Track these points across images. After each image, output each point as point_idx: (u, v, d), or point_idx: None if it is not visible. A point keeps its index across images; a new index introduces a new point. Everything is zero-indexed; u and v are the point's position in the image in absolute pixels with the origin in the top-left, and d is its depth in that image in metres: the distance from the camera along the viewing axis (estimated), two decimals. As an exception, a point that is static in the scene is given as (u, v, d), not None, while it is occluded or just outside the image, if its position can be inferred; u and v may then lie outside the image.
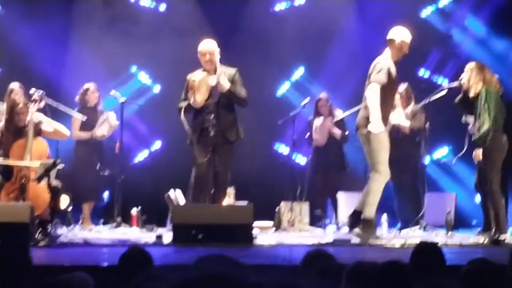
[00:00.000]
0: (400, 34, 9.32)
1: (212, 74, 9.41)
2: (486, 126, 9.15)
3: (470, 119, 9.67)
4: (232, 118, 9.49)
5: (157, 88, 12.94)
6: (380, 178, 9.09)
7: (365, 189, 9.25)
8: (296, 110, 11.50)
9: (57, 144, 10.01)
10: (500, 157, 9.39)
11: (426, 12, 12.90)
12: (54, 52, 12.21)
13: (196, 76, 9.38)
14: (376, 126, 8.95)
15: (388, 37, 9.33)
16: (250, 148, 11.71)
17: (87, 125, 10.95)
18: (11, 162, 9.30)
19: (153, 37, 12.38)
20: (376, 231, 9.31)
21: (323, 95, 11.75)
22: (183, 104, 9.40)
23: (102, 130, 10.93)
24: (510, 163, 10.09)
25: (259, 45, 12.49)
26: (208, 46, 9.50)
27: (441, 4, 12.87)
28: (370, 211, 9.05)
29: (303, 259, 4.72)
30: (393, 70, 9.19)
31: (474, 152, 9.61)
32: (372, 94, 8.99)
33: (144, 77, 12.94)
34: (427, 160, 10.84)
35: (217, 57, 9.47)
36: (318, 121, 11.57)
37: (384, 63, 9.12)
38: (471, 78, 9.39)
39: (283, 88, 13.16)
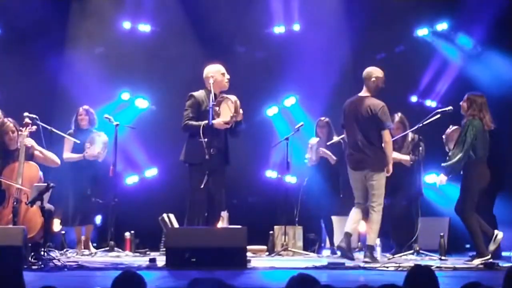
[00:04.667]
0: (374, 72, 9.77)
1: (222, 96, 9.26)
2: (457, 157, 9.59)
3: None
4: (228, 142, 9.45)
5: (151, 111, 12.95)
6: (380, 209, 9.65)
7: (354, 215, 9.81)
8: (290, 133, 11.52)
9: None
10: (477, 187, 9.68)
11: (422, 32, 13.03)
12: (46, 77, 12.24)
13: (231, 97, 9.21)
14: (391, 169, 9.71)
15: (364, 76, 9.79)
16: (242, 173, 11.72)
17: (81, 147, 10.92)
18: (4, 180, 9.25)
19: (147, 61, 12.42)
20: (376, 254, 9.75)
21: (323, 118, 11.78)
22: (201, 123, 9.10)
23: (92, 150, 10.88)
24: (499, 189, 10.22)
25: (251, 69, 12.52)
26: (223, 67, 9.48)
27: (439, 28, 12.98)
28: (373, 239, 9.67)
29: (287, 283, 4.70)
30: None
31: (439, 177, 9.84)
32: (389, 141, 9.70)
33: (137, 101, 12.95)
34: (422, 185, 10.86)
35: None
36: (313, 140, 11.58)
37: (383, 106, 9.62)
38: (467, 108, 9.58)
39: (273, 112, 13.21)
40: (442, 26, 12.98)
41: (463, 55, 12.86)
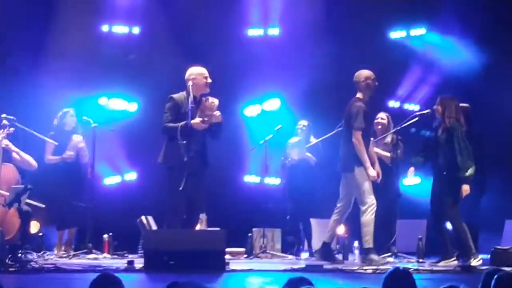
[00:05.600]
0: (362, 73, 9.79)
1: (203, 98, 9.23)
2: (469, 166, 9.51)
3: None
4: (207, 144, 9.41)
5: (131, 113, 12.93)
6: (369, 209, 9.57)
7: (334, 220, 9.95)
8: (268, 135, 11.53)
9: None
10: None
11: (396, 34, 13.10)
12: (27, 77, 12.19)
13: (212, 99, 9.18)
14: (372, 172, 9.60)
15: (354, 80, 9.82)
16: (221, 175, 11.72)
17: (63, 149, 10.89)
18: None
19: (127, 64, 12.40)
20: (374, 255, 9.61)
21: (303, 120, 11.80)
22: (179, 124, 9.00)
23: (68, 152, 10.87)
24: (481, 194, 10.25)
25: (232, 71, 12.52)
26: (206, 70, 9.44)
27: (416, 32, 13.05)
28: (368, 241, 9.60)
29: (286, 284, 4.71)
30: (366, 110, 9.72)
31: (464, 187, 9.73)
32: (359, 144, 9.58)
33: (116, 103, 12.92)
34: (400, 187, 10.90)
35: None
36: (294, 139, 11.60)
37: (358, 107, 9.61)
38: (442, 111, 9.61)
39: (252, 113, 13.22)
40: (420, 31, 13.05)
41: (441, 56, 12.91)
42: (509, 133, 12.03)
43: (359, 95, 9.78)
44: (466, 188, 9.57)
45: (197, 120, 9.01)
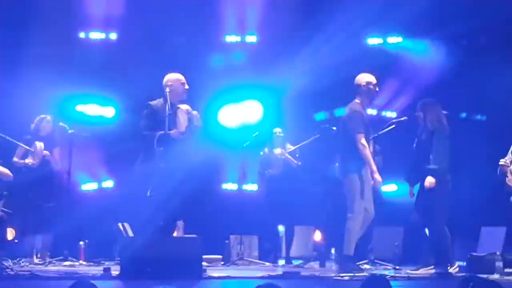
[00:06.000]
0: (364, 77, 9.57)
1: (179, 106, 9.21)
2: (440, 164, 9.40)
3: None
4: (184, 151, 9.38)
5: (108, 118, 12.90)
6: (355, 217, 9.30)
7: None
8: (247, 142, 11.55)
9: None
10: (447, 196, 9.56)
11: (374, 41, 13.16)
12: (3, 83, 12.13)
13: (185, 107, 9.16)
14: (378, 177, 9.35)
15: (355, 83, 9.59)
16: (198, 182, 11.69)
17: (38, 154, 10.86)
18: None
19: (105, 69, 12.38)
20: (355, 265, 9.39)
21: (278, 128, 11.83)
22: (157, 133, 8.94)
23: (28, 160, 10.85)
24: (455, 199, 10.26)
25: (209, 77, 12.52)
26: (183, 77, 9.40)
27: (393, 40, 13.12)
28: (348, 248, 9.26)
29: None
30: (365, 116, 9.54)
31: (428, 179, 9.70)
32: (364, 148, 9.33)
33: (93, 109, 12.89)
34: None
35: None
36: (276, 151, 11.64)
37: (353, 111, 9.44)
38: (423, 117, 9.59)
39: (230, 120, 13.24)
40: (396, 38, 13.13)
41: (418, 63, 12.97)
42: (481, 139, 12.05)
43: (357, 99, 9.55)
44: (430, 180, 9.55)
45: (176, 131, 9.00)
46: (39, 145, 10.93)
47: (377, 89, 9.59)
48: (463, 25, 12.18)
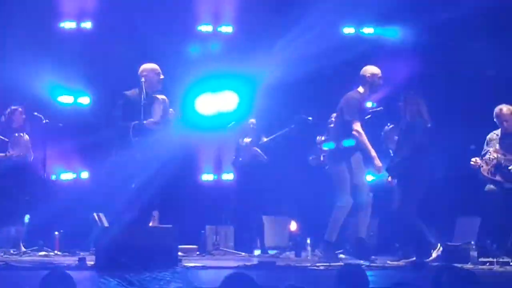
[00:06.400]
0: (369, 69, 9.67)
1: (154, 96, 9.18)
2: (402, 157, 9.53)
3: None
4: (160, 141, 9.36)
5: (83, 106, 12.84)
6: (343, 205, 9.51)
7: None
8: (223, 131, 11.55)
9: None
10: (421, 188, 9.65)
11: (349, 31, 13.18)
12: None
13: (160, 97, 9.14)
14: (379, 163, 9.52)
15: (360, 74, 9.68)
16: (174, 171, 11.66)
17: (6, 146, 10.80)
18: None
19: (80, 58, 12.31)
20: (331, 252, 9.55)
21: (253, 119, 11.83)
22: (132, 123, 8.96)
23: (16, 150, 10.78)
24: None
25: (184, 66, 12.48)
26: (158, 67, 9.38)
27: (365, 30, 13.13)
28: (331, 235, 9.52)
29: (223, 282, 4.70)
30: (363, 105, 9.68)
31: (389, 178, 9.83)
32: (359, 135, 9.44)
33: (68, 98, 12.83)
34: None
35: None
36: (246, 140, 11.63)
37: (351, 98, 9.54)
38: (404, 107, 9.62)
39: (206, 109, 13.21)
40: (368, 30, 13.17)
41: (393, 52, 12.98)
42: (456, 128, 12.09)
43: (360, 88, 9.65)
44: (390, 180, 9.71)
45: (150, 121, 8.97)
46: (25, 137, 10.87)
47: (381, 82, 9.68)
48: (435, 9, 12.22)
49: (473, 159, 9.78)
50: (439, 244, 9.55)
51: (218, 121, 12.64)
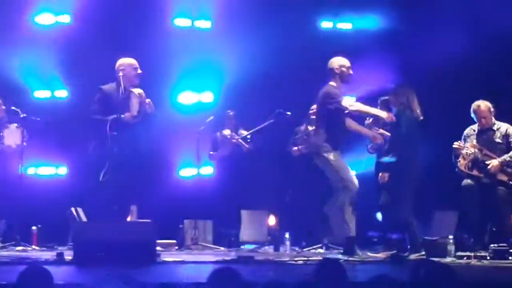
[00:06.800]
0: (336, 61, 9.50)
1: (131, 90, 9.14)
2: (395, 154, 9.49)
3: None
4: (139, 135, 9.33)
5: (61, 99, 12.79)
6: (349, 194, 9.26)
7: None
8: (201, 127, 11.53)
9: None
10: (413, 184, 9.63)
11: (327, 24, 13.21)
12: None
13: (136, 90, 9.11)
14: (384, 114, 9.37)
15: (328, 67, 9.49)
16: (152, 166, 11.65)
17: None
18: None
19: (57, 52, 12.25)
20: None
21: (230, 111, 11.84)
22: (109, 117, 8.91)
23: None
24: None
25: (162, 61, 12.44)
26: (135, 61, 9.34)
27: (340, 26, 13.19)
28: (349, 229, 9.27)
29: (210, 276, 4.70)
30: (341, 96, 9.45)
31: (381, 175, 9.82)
32: (351, 105, 9.29)
33: (45, 93, 12.77)
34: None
35: None
36: (225, 132, 11.65)
37: (332, 87, 9.37)
38: (395, 100, 9.62)
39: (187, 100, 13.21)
40: (347, 25, 13.21)
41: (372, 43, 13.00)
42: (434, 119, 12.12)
43: (332, 83, 9.43)
44: (383, 175, 9.67)
45: (128, 114, 8.96)
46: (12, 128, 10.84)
47: (350, 72, 9.47)
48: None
49: (456, 143, 9.81)
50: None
51: (197, 112, 12.64)
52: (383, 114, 9.45)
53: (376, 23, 13.11)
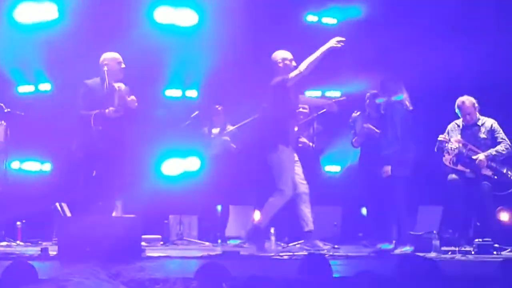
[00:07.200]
0: (279, 54, 9.53)
1: (115, 86, 9.12)
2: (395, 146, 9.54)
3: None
4: (125, 130, 9.31)
5: (44, 93, 12.74)
6: (283, 195, 9.45)
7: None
8: (186, 122, 11.52)
9: None
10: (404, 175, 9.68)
11: (312, 18, 13.21)
12: None
13: (119, 85, 9.09)
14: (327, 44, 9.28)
15: (271, 61, 9.51)
16: (138, 161, 11.63)
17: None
18: None
19: (40, 46, 12.21)
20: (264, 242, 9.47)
21: (218, 106, 11.83)
22: (93, 112, 8.90)
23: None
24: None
25: (147, 55, 12.42)
26: (119, 55, 9.32)
27: (325, 20, 13.19)
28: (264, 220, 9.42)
29: (197, 272, 4.70)
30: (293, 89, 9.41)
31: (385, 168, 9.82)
32: (303, 64, 9.22)
33: (29, 87, 12.73)
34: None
35: None
36: (214, 131, 11.67)
37: (281, 77, 9.34)
38: (383, 92, 9.63)
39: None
40: (331, 20, 13.22)
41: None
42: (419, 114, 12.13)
43: (278, 77, 9.43)
44: (386, 169, 9.68)
45: (111, 109, 8.93)
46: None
47: (294, 64, 9.45)
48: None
49: (441, 135, 9.84)
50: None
51: (183, 108, 12.63)
52: (328, 44, 9.34)
53: (360, 12, 13.06)
